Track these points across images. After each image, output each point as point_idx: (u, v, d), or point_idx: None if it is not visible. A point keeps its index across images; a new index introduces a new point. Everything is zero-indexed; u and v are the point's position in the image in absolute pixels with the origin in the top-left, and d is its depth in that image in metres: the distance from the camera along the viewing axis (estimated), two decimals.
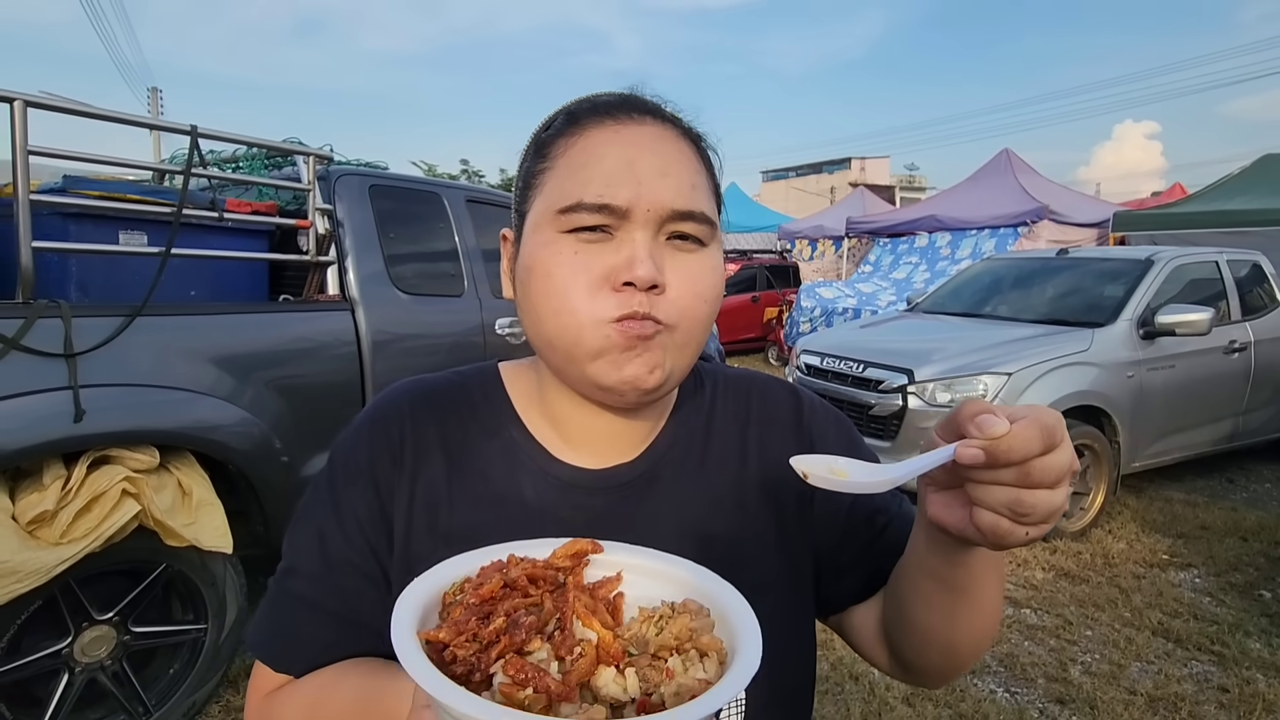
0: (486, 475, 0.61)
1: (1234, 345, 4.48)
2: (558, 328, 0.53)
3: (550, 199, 0.54)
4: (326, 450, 2.40)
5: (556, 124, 0.57)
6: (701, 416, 0.66)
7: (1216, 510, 4.30)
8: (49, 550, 1.74)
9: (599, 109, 0.56)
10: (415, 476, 0.60)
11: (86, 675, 1.98)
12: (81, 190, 2.14)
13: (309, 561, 0.59)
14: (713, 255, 0.56)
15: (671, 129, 0.56)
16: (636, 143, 0.53)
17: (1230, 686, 2.52)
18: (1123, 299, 4.24)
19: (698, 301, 0.54)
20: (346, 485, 0.60)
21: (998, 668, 2.66)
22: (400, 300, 2.80)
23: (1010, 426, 0.40)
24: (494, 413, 0.63)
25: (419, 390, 0.65)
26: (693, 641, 0.40)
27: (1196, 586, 3.35)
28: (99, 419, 1.89)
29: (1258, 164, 7.70)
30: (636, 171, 0.52)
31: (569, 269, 0.52)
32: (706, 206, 0.55)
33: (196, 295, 2.46)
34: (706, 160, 0.58)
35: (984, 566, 0.53)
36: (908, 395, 3.81)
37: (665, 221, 0.52)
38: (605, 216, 0.51)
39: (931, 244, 10.15)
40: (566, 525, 0.59)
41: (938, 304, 5.33)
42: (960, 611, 0.55)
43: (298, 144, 2.60)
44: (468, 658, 0.37)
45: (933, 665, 0.61)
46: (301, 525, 0.61)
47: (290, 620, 0.59)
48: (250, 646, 0.60)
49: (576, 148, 0.54)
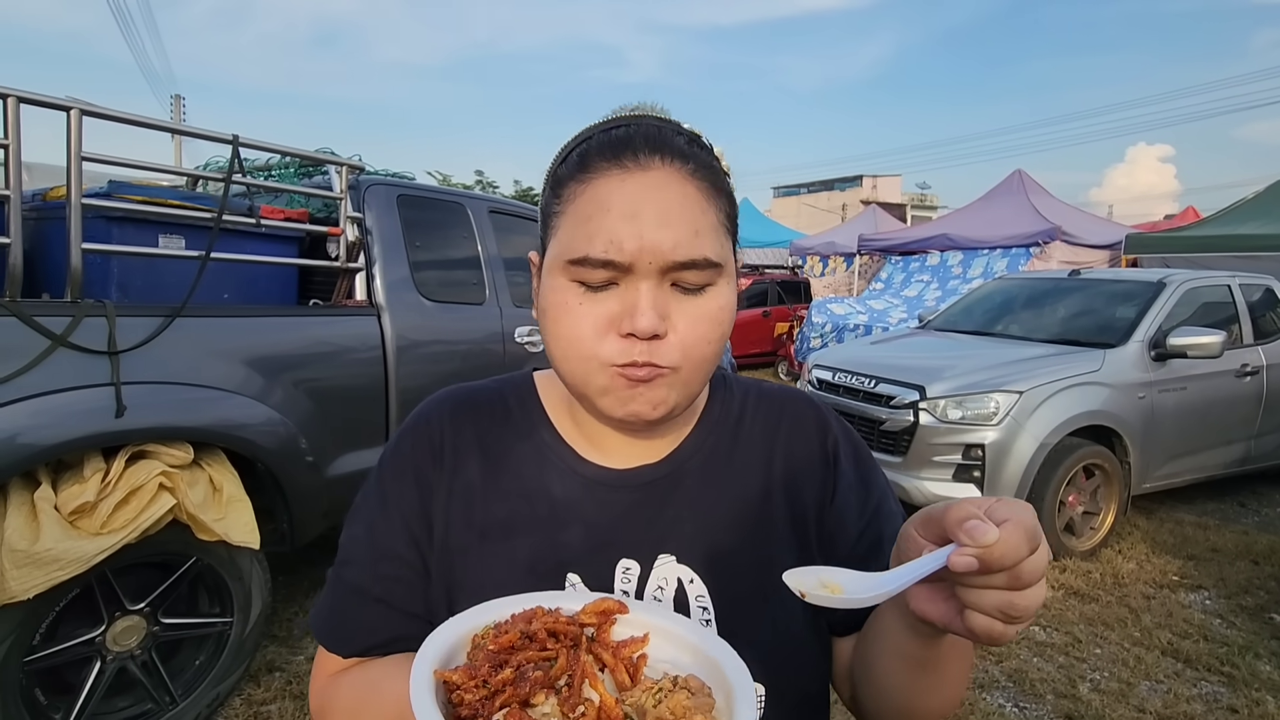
0: (519, 473, 0.66)
1: (1246, 369, 4.49)
2: (568, 368, 0.58)
3: (561, 247, 0.57)
4: (350, 451, 2.48)
5: (570, 161, 0.59)
6: (729, 425, 0.69)
7: (1228, 533, 4.29)
8: (89, 540, 1.81)
9: (607, 151, 0.57)
10: (454, 474, 0.65)
11: (117, 664, 2.03)
12: (125, 195, 2.22)
13: (359, 552, 0.65)
14: (719, 295, 0.58)
15: (678, 171, 0.56)
16: (640, 193, 0.55)
17: (1239, 707, 2.53)
18: (1135, 320, 4.26)
19: (700, 343, 0.57)
20: (393, 482, 0.66)
21: (1006, 683, 2.67)
22: (424, 307, 2.87)
23: (999, 533, 0.41)
24: (527, 417, 0.69)
25: (460, 396, 0.71)
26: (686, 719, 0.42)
27: (1207, 608, 3.35)
28: (138, 415, 1.97)
29: (1271, 189, 7.70)
30: (640, 224, 0.54)
31: (575, 316, 0.56)
32: (711, 250, 0.56)
33: (229, 298, 2.54)
34: (717, 191, 0.58)
35: (953, 647, 0.55)
36: (919, 411, 3.84)
37: (667, 271, 0.55)
38: (610, 271, 0.55)
39: (943, 262, 10.17)
40: (591, 520, 0.63)
41: (949, 322, 5.36)
42: (924, 685, 0.57)
43: (330, 154, 2.68)
44: (474, 702, 0.41)
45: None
46: (355, 520, 0.67)
47: (342, 606, 0.64)
48: (312, 626, 0.66)
49: (584, 196, 0.56)
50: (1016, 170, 10.96)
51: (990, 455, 3.68)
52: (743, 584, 0.63)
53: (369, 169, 2.86)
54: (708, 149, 0.60)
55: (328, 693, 0.63)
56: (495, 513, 0.64)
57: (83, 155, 1.88)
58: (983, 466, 3.69)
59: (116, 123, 2.01)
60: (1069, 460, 3.77)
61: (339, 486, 2.56)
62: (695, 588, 0.62)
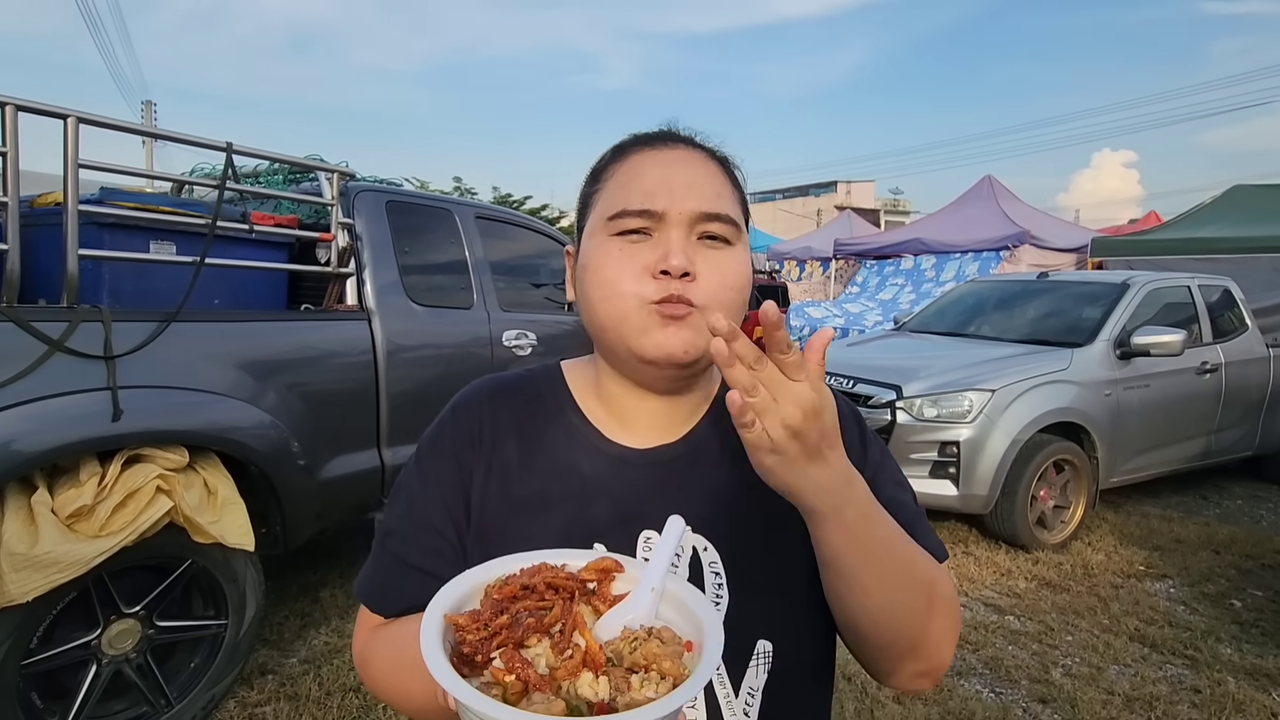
0: (551, 453, 0.72)
1: (1205, 366, 4.68)
2: (608, 310, 0.64)
3: (602, 210, 0.66)
4: (343, 454, 2.54)
5: (606, 156, 0.71)
6: None
7: (1191, 525, 4.46)
8: (88, 543, 1.82)
9: (640, 140, 0.69)
10: (493, 453, 0.72)
11: (113, 667, 2.04)
12: (118, 201, 2.24)
13: (400, 524, 0.71)
14: (739, 252, 0.66)
15: (701, 153, 0.68)
16: (670, 162, 0.66)
17: (1202, 688, 2.66)
18: (1100, 320, 4.43)
19: (725, 289, 0.64)
20: (433, 462, 0.72)
21: (983, 670, 2.78)
22: (414, 311, 2.91)
23: None
24: (557, 401, 0.75)
25: (496, 384, 0.77)
26: (656, 666, 0.47)
27: (1171, 596, 3.50)
28: (134, 419, 1.98)
29: (1228, 194, 8.02)
30: (671, 183, 0.64)
31: (616, 261, 0.64)
32: (732, 210, 0.66)
33: (220, 303, 2.56)
34: (732, 178, 0.70)
35: (850, 545, 0.58)
36: (896, 410, 3.95)
37: (695, 222, 0.63)
38: (645, 220, 0.63)
39: (917, 266, 10.40)
40: (617, 495, 0.70)
41: (924, 324, 5.50)
42: (841, 590, 0.61)
43: (319, 161, 2.71)
44: (475, 641, 0.48)
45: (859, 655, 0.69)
46: (398, 495, 0.74)
47: (384, 574, 0.71)
48: (356, 591, 0.73)
49: (622, 170, 0.67)
50: (986, 176, 11.26)
51: (965, 452, 3.80)
52: (753, 551, 0.69)
53: (358, 176, 2.89)
54: (724, 155, 0.72)
55: (370, 646, 0.70)
56: (530, 488, 0.70)
57: (80, 163, 1.90)
58: (958, 463, 3.81)
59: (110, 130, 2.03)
60: (1040, 456, 3.91)
61: (331, 489, 2.59)
62: (709, 555, 0.68)
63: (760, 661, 0.67)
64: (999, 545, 4.02)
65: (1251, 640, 3.05)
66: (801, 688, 0.70)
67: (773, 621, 0.68)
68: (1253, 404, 5.00)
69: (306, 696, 2.40)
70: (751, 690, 0.67)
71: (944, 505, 3.90)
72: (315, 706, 2.35)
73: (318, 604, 3.07)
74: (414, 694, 0.63)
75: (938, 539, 0.72)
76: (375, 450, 2.77)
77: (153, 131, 2.14)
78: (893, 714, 2.43)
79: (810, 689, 0.72)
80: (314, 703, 2.37)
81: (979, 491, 3.82)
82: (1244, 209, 7.55)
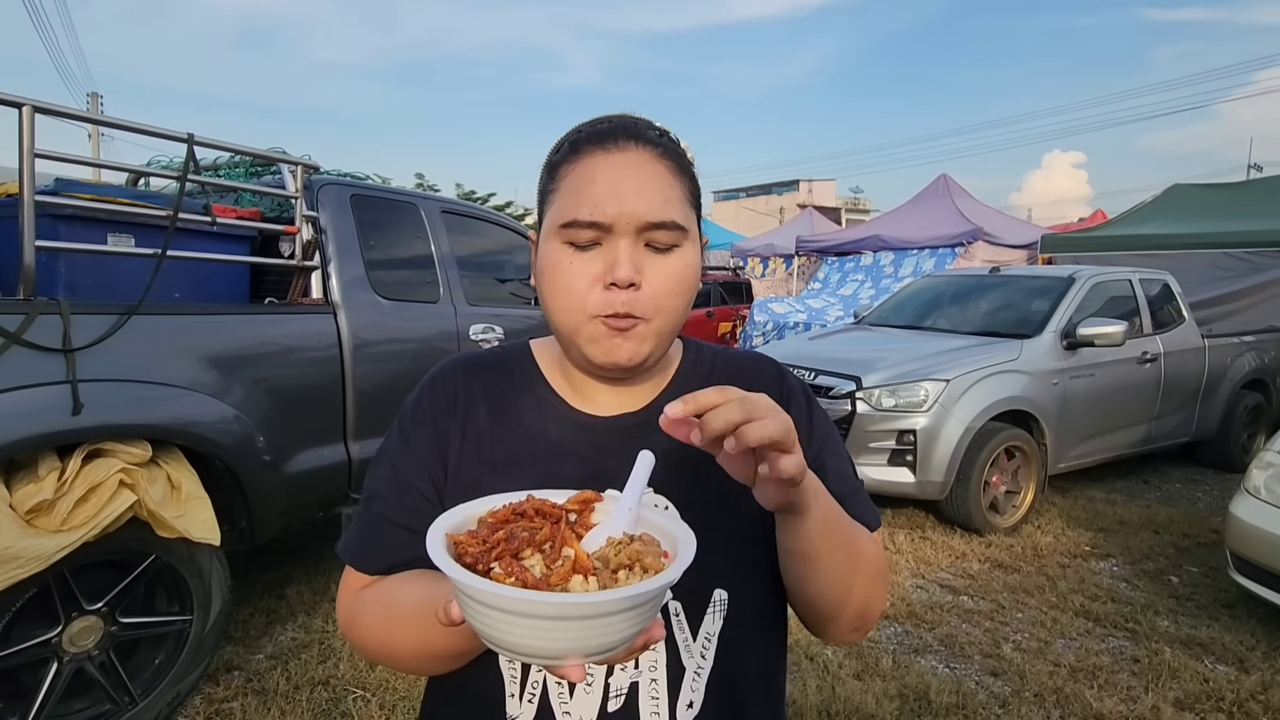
0: (521, 420, 0.77)
1: (1146, 356, 4.91)
2: (563, 320, 0.70)
3: (556, 215, 0.69)
4: (309, 448, 2.54)
5: (563, 150, 0.72)
6: (700, 378, 0.81)
7: (1133, 507, 4.69)
8: (49, 538, 1.80)
9: (593, 139, 0.70)
10: (467, 421, 0.77)
11: (74, 665, 2.01)
12: (73, 193, 2.20)
13: (384, 487, 0.76)
14: (685, 254, 0.69)
15: (649, 153, 0.69)
16: (620, 167, 0.67)
17: (1141, 657, 2.81)
18: (1048, 313, 4.62)
19: (671, 296, 0.68)
20: (414, 428, 0.77)
21: (939, 646, 2.89)
22: (380, 305, 2.91)
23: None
24: (526, 375, 0.81)
25: (470, 359, 0.83)
26: (639, 562, 0.53)
27: (1114, 574, 3.68)
28: (95, 413, 1.96)
29: (1167, 193, 8.39)
30: (620, 192, 0.66)
31: (567, 274, 0.68)
32: (678, 215, 0.68)
33: (180, 297, 2.53)
34: (682, 172, 0.71)
35: (824, 538, 0.65)
36: (856, 400, 4.07)
37: (641, 231, 0.67)
38: (595, 232, 0.67)
39: (876, 262, 10.64)
40: (584, 456, 0.75)
41: (882, 317, 5.66)
42: (806, 573, 0.68)
43: (282, 153, 2.69)
44: (475, 553, 0.53)
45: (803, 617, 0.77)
46: (380, 460, 0.78)
47: (369, 532, 0.75)
48: (340, 553, 0.77)
49: (575, 173, 0.69)
50: (942, 175, 11.55)
51: (921, 440, 3.94)
52: (710, 506, 0.74)
53: (321, 169, 2.87)
54: (675, 141, 0.73)
55: (356, 605, 0.73)
56: (502, 451, 0.76)
57: (36, 152, 1.86)
58: (915, 451, 3.94)
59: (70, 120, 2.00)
60: (992, 443, 4.06)
61: (297, 483, 2.58)
62: (670, 512, 0.74)
63: (717, 609, 0.73)
64: (954, 530, 4.17)
65: (1187, 613, 3.23)
66: (755, 633, 0.76)
67: (729, 571, 0.73)
68: (1189, 392, 5.27)
69: (275, 691, 2.39)
70: (708, 636, 0.73)
71: (902, 492, 4.03)
72: (284, 700, 2.34)
73: (284, 600, 3.05)
74: (404, 643, 0.67)
75: (874, 508, 0.80)
76: (342, 444, 2.76)
77: (112, 122, 2.10)
78: (853, 690, 2.52)
79: (763, 634, 0.78)
80: (282, 697, 2.36)
81: (935, 478, 3.96)
82: (1182, 207, 7.92)
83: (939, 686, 2.55)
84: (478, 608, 0.48)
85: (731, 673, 0.74)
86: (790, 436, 0.55)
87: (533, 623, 0.47)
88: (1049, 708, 2.48)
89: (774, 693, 0.80)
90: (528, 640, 0.48)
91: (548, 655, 0.49)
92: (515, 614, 0.47)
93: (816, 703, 2.44)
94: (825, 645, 2.85)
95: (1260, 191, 7.75)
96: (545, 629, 0.47)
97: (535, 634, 0.47)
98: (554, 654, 0.48)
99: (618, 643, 0.49)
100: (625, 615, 0.48)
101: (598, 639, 0.48)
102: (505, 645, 0.49)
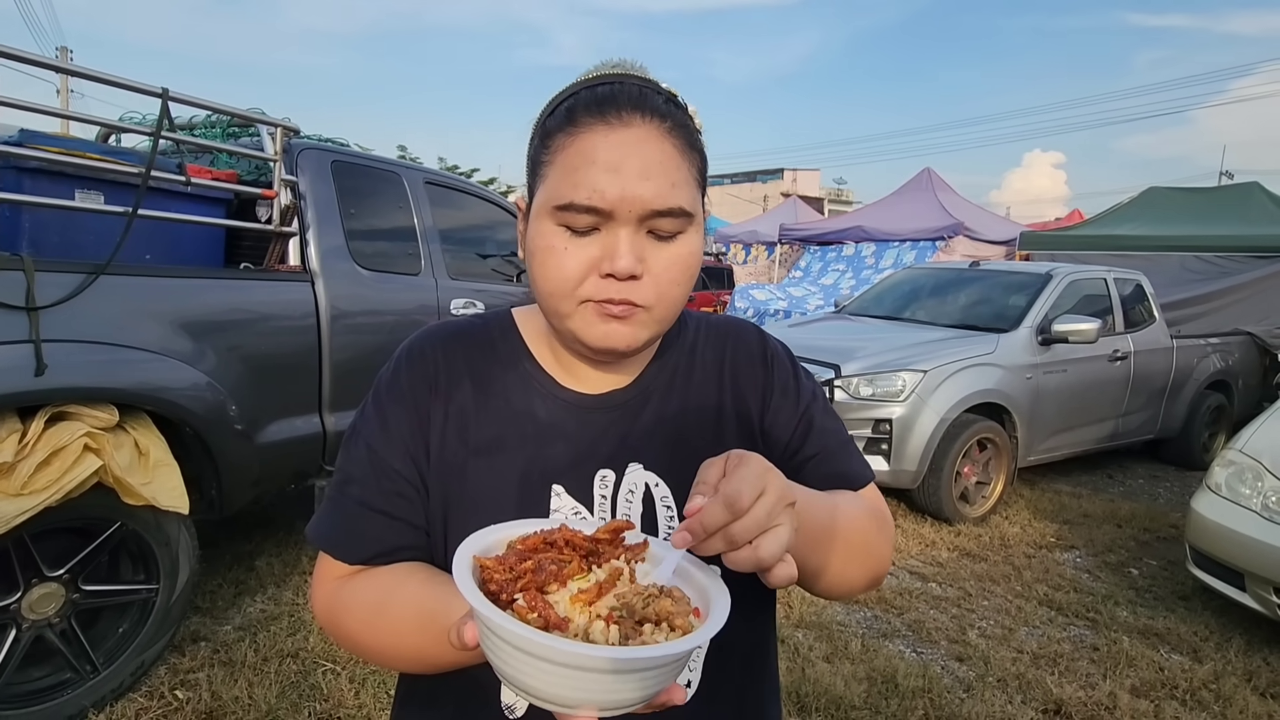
0: (506, 398, 0.73)
1: (1117, 354, 5.00)
2: (553, 305, 0.65)
3: (550, 193, 0.62)
4: (283, 419, 2.48)
5: (558, 114, 0.64)
6: (684, 352, 0.79)
7: (1097, 501, 4.80)
8: (9, 501, 1.74)
9: (594, 107, 0.62)
10: (448, 399, 0.72)
11: (34, 632, 1.96)
12: (40, 145, 2.11)
13: (361, 470, 0.70)
14: (689, 241, 0.64)
15: (657, 128, 0.62)
16: (623, 146, 0.60)
17: (1100, 646, 2.89)
18: (1025, 308, 4.69)
19: (671, 286, 0.64)
20: (392, 407, 0.72)
21: (906, 632, 2.94)
22: (359, 275, 2.85)
23: (702, 513, 0.51)
24: (511, 349, 0.76)
25: (449, 330, 0.77)
26: (667, 620, 0.50)
27: (1077, 565, 3.77)
28: (59, 374, 1.89)
29: (1142, 196, 8.52)
30: (622, 175, 0.59)
31: (561, 258, 0.62)
32: (685, 200, 0.62)
33: (151, 259, 2.45)
34: (690, 148, 0.64)
35: (810, 551, 0.64)
36: (834, 388, 4.10)
37: (645, 218, 0.61)
38: (593, 217, 0.61)
39: (858, 253, 10.71)
40: (572, 436, 0.72)
41: (862, 307, 5.69)
42: (810, 582, 0.69)
43: (261, 114, 2.61)
44: (501, 581, 0.51)
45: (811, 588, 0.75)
46: (354, 441, 0.73)
47: (347, 518, 0.70)
48: (314, 540, 0.71)
49: (572, 148, 0.61)
50: (926, 169, 11.62)
51: (897, 429, 3.98)
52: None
53: (302, 133, 2.79)
54: (683, 108, 0.66)
55: (338, 597, 0.68)
56: (487, 432, 0.71)
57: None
58: (890, 439, 3.98)
59: (33, 66, 1.91)
60: (965, 434, 4.12)
61: (270, 454, 2.53)
62: (660, 490, 0.72)
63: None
64: (925, 518, 4.24)
65: (1145, 604, 3.32)
66: (749, 610, 0.75)
67: None
68: (1156, 391, 5.39)
69: (242, 662, 2.36)
70: None
71: (876, 480, 4.08)
72: (251, 672, 2.31)
73: (253, 572, 3.00)
74: (400, 650, 0.64)
75: (863, 460, 0.79)
76: (317, 415, 2.71)
77: (81, 71, 2.01)
78: (822, 672, 2.55)
79: (756, 612, 0.77)
80: (250, 668, 2.33)
81: (908, 467, 4.01)
82: (1157, 209, 8.05)
83: (906, 670, 2.59)
84: (499, 644, 0.47)
85: (728, 651, 0.73)
86: (780, 527, 0.52)
87: (553, 669, 0.45)
88: (1011, 692, 2.54)
89: (769, 671, 0.80)
90: (544, 685, 0.46)
91: (563, 703, 0.47)
92: (537, 658, 0.45)
93: (786, 684, 2.47)
94: (796, 628, 2.89)
95: (1231, 198, 7.91)
96: (564, 677, 0.45)
97: (554, 680, 0.46)
98: (569, 702, 0.47)
99: (635, 700, 0.48)
100: (646, 675, 0.46)
101: (615, 694, 0.46)
102: (520, 685, 0.47)
